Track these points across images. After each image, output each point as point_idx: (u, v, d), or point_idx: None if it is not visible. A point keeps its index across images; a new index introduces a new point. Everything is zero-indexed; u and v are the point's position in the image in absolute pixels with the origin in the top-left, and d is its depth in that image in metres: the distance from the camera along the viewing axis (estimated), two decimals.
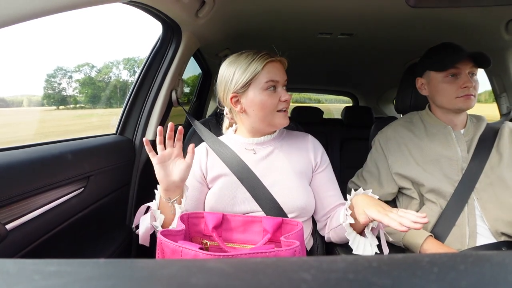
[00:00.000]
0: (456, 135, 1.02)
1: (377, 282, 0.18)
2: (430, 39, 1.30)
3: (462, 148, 1.01)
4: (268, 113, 0.86)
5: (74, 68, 1.69)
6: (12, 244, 0.65)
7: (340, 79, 2.72)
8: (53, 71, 1.62)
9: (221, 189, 0.87)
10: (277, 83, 0.86)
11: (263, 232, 0.75)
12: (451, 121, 1.04)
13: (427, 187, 0.98)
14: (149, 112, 1.15)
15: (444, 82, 1.00)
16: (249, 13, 1.23)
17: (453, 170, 0.98)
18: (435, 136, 1.04)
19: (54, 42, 1.18)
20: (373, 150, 1.15)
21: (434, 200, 0.98)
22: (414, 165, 1.02)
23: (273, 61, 0.86)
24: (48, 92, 1.55)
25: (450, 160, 0.99)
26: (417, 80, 1.10)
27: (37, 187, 0.69)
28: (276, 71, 0.86)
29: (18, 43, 1.10)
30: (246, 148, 0.93)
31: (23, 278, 0.18)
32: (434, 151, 1.01)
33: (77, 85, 1.65)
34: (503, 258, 0.21)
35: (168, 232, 0.64)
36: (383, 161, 1.09)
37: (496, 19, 1.15)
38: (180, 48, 1.19)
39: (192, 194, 0.89)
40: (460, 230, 0.93)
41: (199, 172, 0.92)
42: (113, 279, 0.18)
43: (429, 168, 1.00)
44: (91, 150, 0.91)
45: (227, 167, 0.88)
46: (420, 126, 1.09)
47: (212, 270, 0.20)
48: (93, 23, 1.14)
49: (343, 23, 1.31)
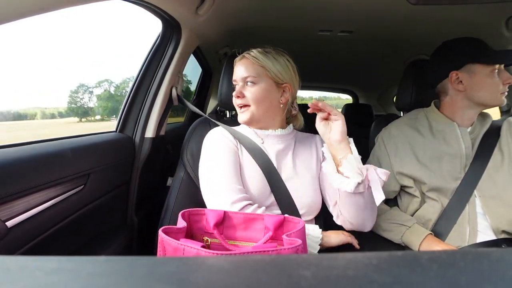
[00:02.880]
0: (461, 131, 1.01)
1: (377, 279, 0.18)
2: (430, 36, 1.30)
3: (467, 145, 0.99)
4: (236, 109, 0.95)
5: (95, 85, 1.66)
6: (12, 241, 0.65)
7: (340, 76, 2.72)
8: (74, 85, 1.58)
9: (251, 176, 0.88)
10: (235, 81, 0.94)
11: (265, 229, 0.75)
12: (463, 120, 1.02)
13: (429, 185, 0.98)
14: (149, 109, 1.15)
15: (491, 77, 0.95)
16: (249, 11, 1.23)
17: (456, 168, 0.98)
18: (440, 133, 1.03)
19: (56, 44, 1.18)
20: (375, 147, 1.14)
21: (436, 197, 0.98)
22: (416, 163, 1.01)
23: (236, 62, 0.95)
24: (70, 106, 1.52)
25: (454, 157, 0.98)
26: (452, 74, 1.00)
27: (37, 184, 0.69)
28: (235, 70, 0.95)
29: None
30: (256, 133, 0.96)
31: (24, 275, 0.18)
32: (437, 149, 1.00)
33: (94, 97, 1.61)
34: (502, 255, 0.21)
35: (170, 229, 0.64)
36: (386, 159, 1.08)
37: (496, 16, 1.15)
38: (180, 46, 1.18)
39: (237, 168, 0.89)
40: (460, 228, 0.94)
41: (233, 146, 0.92)
42: (114, 276, 0.18)
43: (431, 166, 0.99)
44: (91, 147, 0.91)
45: (253, 157, 0.89)
46: (424, 123, 1.08)
47: (212, 267, 0.20)
48: (95, 24, 1.14)
49: (343, 20, 1.30)
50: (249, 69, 0.91)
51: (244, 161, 0.90)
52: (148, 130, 1.16)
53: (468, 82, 0.98)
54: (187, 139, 1.10)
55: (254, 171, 0.88)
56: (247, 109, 0.92)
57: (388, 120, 1.19)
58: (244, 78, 0.92)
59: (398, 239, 0.97)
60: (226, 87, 1.10)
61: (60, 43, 1.31)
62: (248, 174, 0.88)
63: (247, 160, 0.89)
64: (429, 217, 0.99)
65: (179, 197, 1.04)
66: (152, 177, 1.27)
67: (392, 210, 1.05)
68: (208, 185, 0.85)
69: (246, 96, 0.91)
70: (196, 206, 0.84)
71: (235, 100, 0.94)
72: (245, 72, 0.91)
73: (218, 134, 0.93)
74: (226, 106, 1.14)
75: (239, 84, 0.93)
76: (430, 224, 0.98)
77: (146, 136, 1.15)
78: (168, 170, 1.38)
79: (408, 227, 0.96)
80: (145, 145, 1.15)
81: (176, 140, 1.33)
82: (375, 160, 1.11)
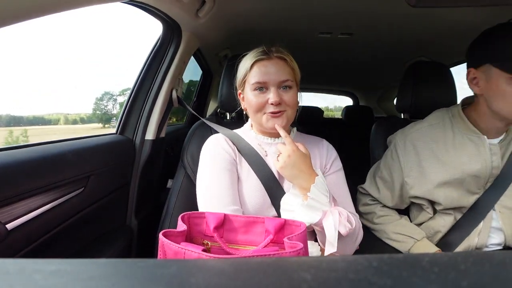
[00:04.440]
0: (491, 147, 0.86)
1: (377, 282, 0.18)
2: (430, 38, 1.30)
3: (495, 164, 0.86)
4: (257, 115, 0.82)
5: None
6: (12, 243, 0.65)
7: (340, 78, 2.72)
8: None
9: (250, 188, 0.83)
10: (264, 84, 0.80)
11: (265, 233, 0.74)
12: (491, 129, 0.87)
13: (444, 206, 0.91)
14: (149, 111, 1.15)
15: (510, 86, 0.78)
16: (249, 13, 1.23)
17: (476, 186, 0.88)
18: (464, 147, 0.88)
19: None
20: (388, 155, 1.02)
21: (450, 212, 0.92)
22: (432, 184, 0.90)
23: (262, 60, 0.81)
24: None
25: (477, 177, 0.87)
26: (470, 71, 0.86)
27: (37, 186, 0.69)
28: (264, 71, 0.80)
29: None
30: (262, 146, 0.89)
31: (23, 277, 0.18)
32: (459, 168, 0.87)
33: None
34: (504, 258, 0.21)
35: (170, 233, 0.64)
36: (399, 171, 0.97)
37: (497, 18, 1.15)
38: (180, 48, 1.19)
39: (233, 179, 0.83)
40: (468, 241, 0.89)
41: (230, 158, 0.84)
42: (114, 279, 0.18)
43: (449, 188, 0.89)
44: (91, 149, 0.91)
45: (250, 165, 0.84)
46: (448, 133, 0.92)
47: (212, 270, 0.20)
48: (100, 26, 1.15)
49: (343, 23, 1.31)
50: (285, 71, 0.81)
51: (242, 173, 0.84)
52: (148, 132, 1.16)
53: (484, 86, 0.83)
54: (187, 141, 1.10)
55: (252, 183, 0.83)
56: (283, 114, 0.81)
57: (389, 123, 1.18)
58: (280, 82, 0.80)
59: (405, 252, 0.94)
60: (227, 89, 1.10)
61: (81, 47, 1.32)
62: (246, 186, 0.83)
63: (246, 171, 0.84)
64: (439, 229, 0.93)
65: (179, 199, 1.04)
66: (152, 179, 1.27)
67: (402, 220, 1.00)
68: (201, 197, 0.82)
69: (283, 101, 0.80)
70: (196, 209, 0.84)
71: (267, 107, 0.81)
72: (282, 75, 0.80)
73: (216, 146, 0.86)
74: (226, 108, 1.14)
75: (271, 88, 0.80)
76: (438, 236, 0.94)
77: (146, 138, 1.15)
78: (168, 172, 1.38)
79: (416, 240, 0.92)
80: (146, 147, 1.15)
81: (176, 142, 1.33)
82: (387, 170, 1.01)
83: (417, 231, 0.95)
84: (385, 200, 1.03)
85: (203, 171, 0.84)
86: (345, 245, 0.76)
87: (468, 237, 0.89)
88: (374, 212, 1.03)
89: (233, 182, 0.82)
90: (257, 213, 0.82)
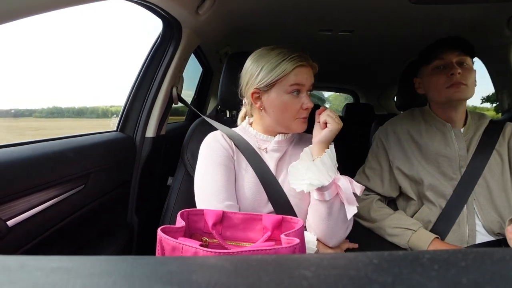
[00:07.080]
0: (455, 133, 1.01)
1: (377, 279, 0.18)
2: (431, 36, 1.29)
3: (461, 146, 0.99)
4: (286, 117, 0.84)
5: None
6: (13, 240, 0.65)
7: (340, 76, 2.72)
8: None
9: (247, 185, 0.84)
10: (302, 87, 0.82)
11: (263, 230, 0.74)
12: (450, 118, 1.02)
13: (426, 185, 0.98)
14: (149, 109, 1.15)
15: (433, 75, 0.99)
16: (249, 10, 1.23)
17: (451, 169, 0.98)
18: (434, 134, 1.03)
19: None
20: (373, 146, 1.14)
21: (433, 200, 0.98)
22: (413, 162, 1.02)
23: (304, 65, 0.82)
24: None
25: (449, 159, 0.98)
26: (415, 80, 1.09)
27: (38, 184, 0.69)
28: (304, 75, 0.82)
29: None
30: (260, 144, 0.90)
31: (24, 274, 0.18)
32: (432, 149, 1.00)
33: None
34: (504, 255, 0.21)
35: (168, 228, 0.64)
36: (385, 156, 1.08)
37: (497, 16, 1.15)
38: (180, 45, 1.18)
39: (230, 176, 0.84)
40: (460, 229, 0.94)
41: (227, 154, 0.86)
42: (114, 276, 0.18)
43: (427, 166, 1.00)
44: (92, 147, 0.91)
45: (247, 160, 0.85)
46: (420, 123, 1.08)
47: (213, 267, 0.20)
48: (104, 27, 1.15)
49: (344, 20, 1.30)
50: (312, 78, 0.85)
51: (240, 169, 0.86)
52: (148, 129, 1.16)
53: (424, 86, 1.05)
54: (188, 138, 1.10)
55: (250, 179, 0.84)
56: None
57: (389, 120, 1.18)
58: (310, 86, 0.84)
59: (404, 244, 0.95)
60: (227, 86, 1.10)
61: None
62: (243, 182, 0.84)
63: (243, 167, 0.86)
64: (429, 219, 0.98)
65: (179, 196, 1.04)
66: (152, 176, 1.27)
67: (396, 213, 1.02)
68: (198, 192, 0.83)
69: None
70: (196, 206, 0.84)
71: (300, 112, 0.84)
72: (312, 80, 0.84)
73: (214, 142, 0.87)
74: (226, 106, 1.14)
75: (304, 92, 0.83)
76: (429, 226, 0.98)
77: (146, 136, 1.15)
78: (169, 170, 1.38)
79: (414, 231, 0.95)
80: (146, 144, 1.15)
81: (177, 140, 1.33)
82: (374, 159, 1.10)
83: (413, 221, 0.99)
84: (376, 187, 1.08)
85: (200, 167, 0.85)
86: (338, 222, 0.79)
87: (457, 226, 0.94)
88: (369, 206, 1.05)
89: (230, 178, 0.83)
90: (254, 209, 0.84)
